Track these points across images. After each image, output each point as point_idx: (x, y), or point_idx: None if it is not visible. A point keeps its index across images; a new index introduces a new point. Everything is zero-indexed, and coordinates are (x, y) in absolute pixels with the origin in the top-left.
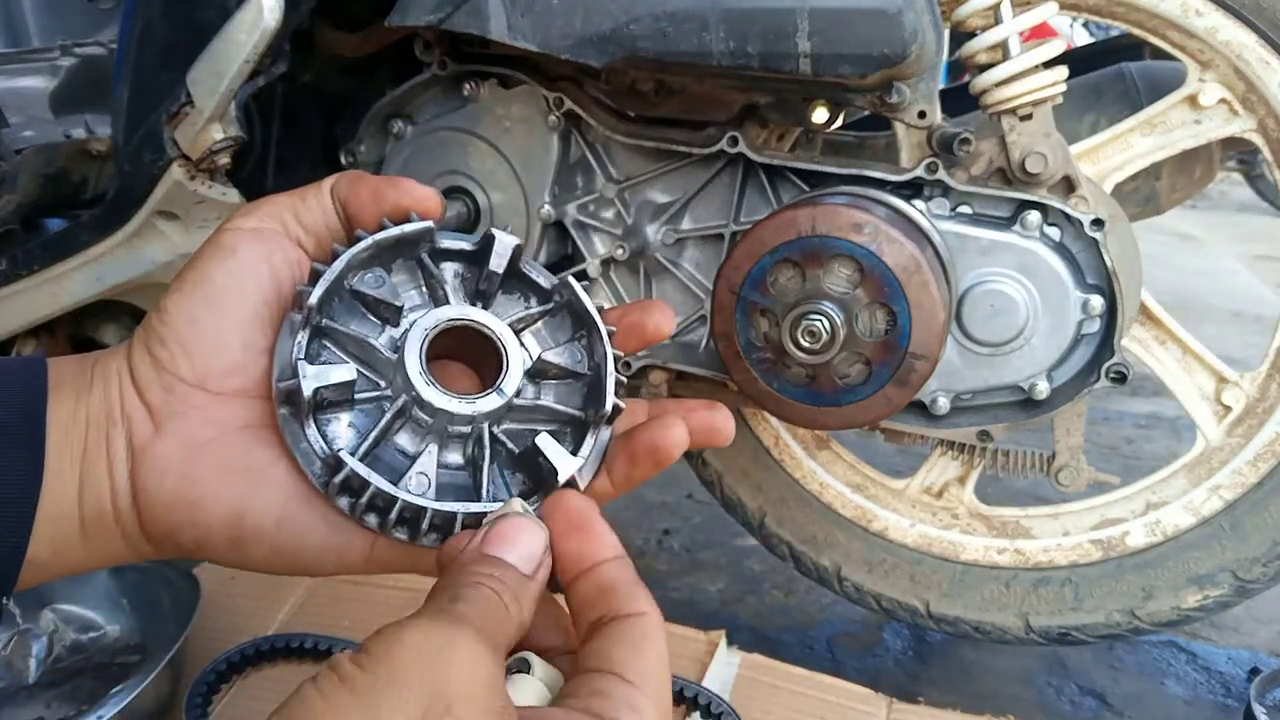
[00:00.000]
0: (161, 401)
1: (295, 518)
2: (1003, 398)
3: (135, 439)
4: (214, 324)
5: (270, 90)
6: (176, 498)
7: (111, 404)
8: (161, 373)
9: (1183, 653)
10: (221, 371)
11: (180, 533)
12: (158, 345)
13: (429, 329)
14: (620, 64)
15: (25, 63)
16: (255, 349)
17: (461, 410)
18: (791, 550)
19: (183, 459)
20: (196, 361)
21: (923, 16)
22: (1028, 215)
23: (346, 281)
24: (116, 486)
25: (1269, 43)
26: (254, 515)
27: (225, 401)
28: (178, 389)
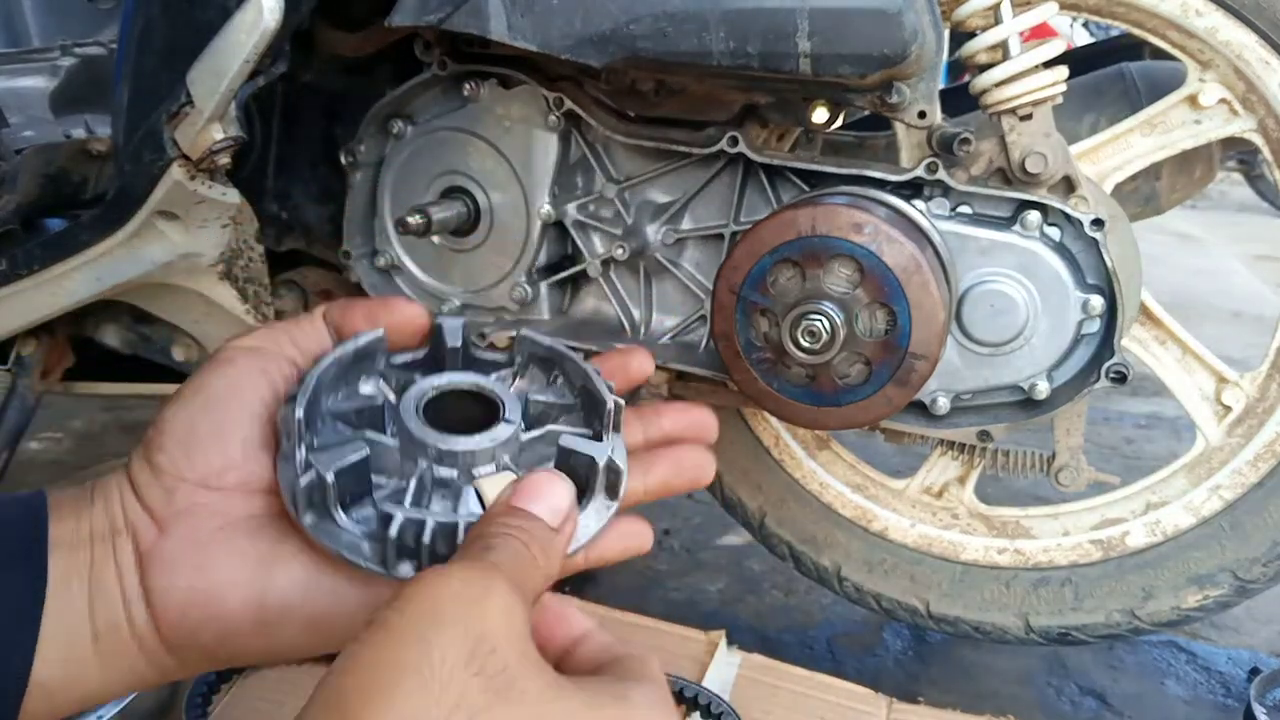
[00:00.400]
0: (163, 504)
1: (322, 584)
2: (1003, 398)
3: (141, 544)
4: (212, 427)
5: (270, 90)
6: (191, 592)
7: (114, 516)
8: (162, 477)
9: (1183, 653)
10: (221, 468)
11: (201, 631)
12: (156, 453)
13: (421, 395)
14: (620, 64)
15: (25, 63)
16: (253, 445)
17: (481, 445)
18: (791, 550)
19: (192, 553)
20: (196, 462)
21: (923, 16)
22: (1028, 215)
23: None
24: (128, 594)
25: (1269, 43)
26: (276, 592)
27: (227, 495)
28: (179, 490)
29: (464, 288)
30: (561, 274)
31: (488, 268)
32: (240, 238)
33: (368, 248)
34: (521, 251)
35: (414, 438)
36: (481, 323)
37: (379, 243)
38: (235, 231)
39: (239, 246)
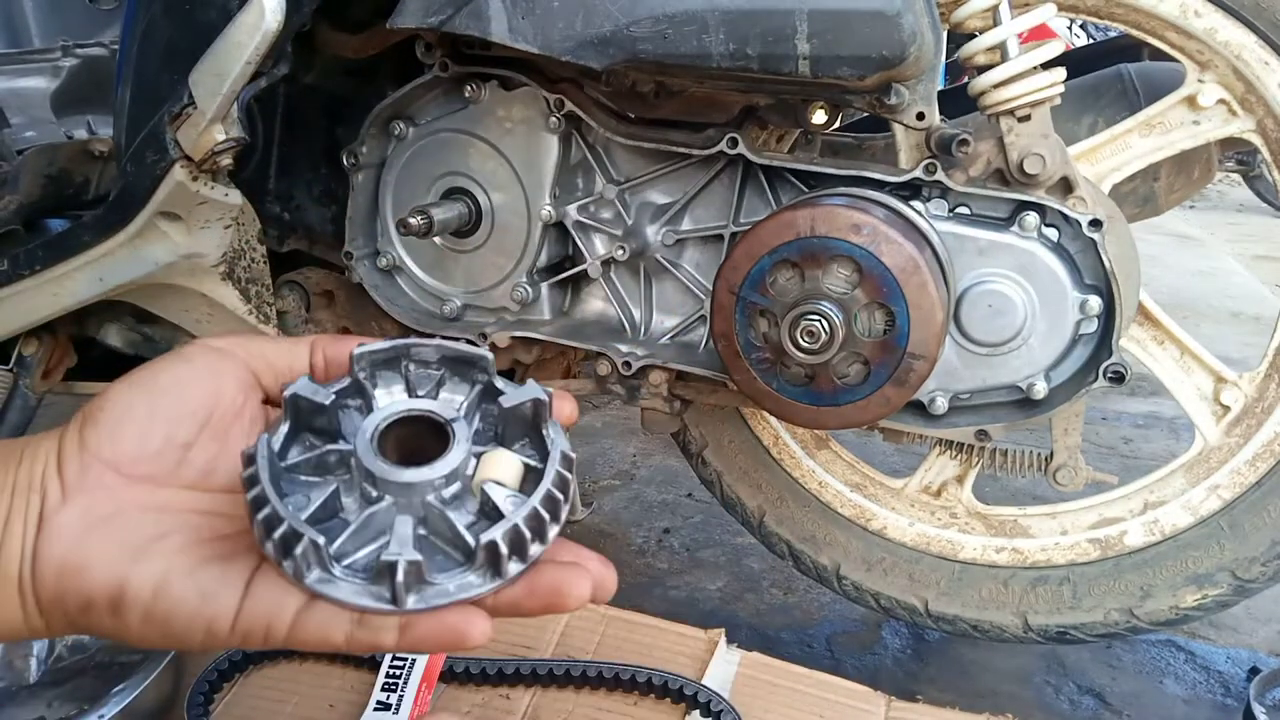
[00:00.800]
0: (75, 476)
1: (171, 589)
2: (1001, 397)
3: (45, 507)
4: (144, 416)
5: (272, 92)
6: (65, 563)
7: (35, 474)
8: (83, 451)
9: (1181, 652)
10: (134, 458)
11: (66, 599)
12: (89, 425)
13: (378, 423)
14: (620, 66)
15: (27, 63)
16: (176, 443)
17: (435, 474)
18: (791, 549)
19: (79, 530)
20: (118, 445)
21: (921, 18)
22: (1026, 216)
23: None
24: (24, 551)
25: (1268, 43)
26: (133, 583)
27: (132, 484)
28: (93, 467)
29: (465, 288)
30: (562, 275)
31: (489, 268)
32: (242, 238)
33: (370, 248)
34: (522, 252)
35: (363, 466)
36: (482, 323)
37: (381, 243)
38: (237, 232)
39: (241, 247)
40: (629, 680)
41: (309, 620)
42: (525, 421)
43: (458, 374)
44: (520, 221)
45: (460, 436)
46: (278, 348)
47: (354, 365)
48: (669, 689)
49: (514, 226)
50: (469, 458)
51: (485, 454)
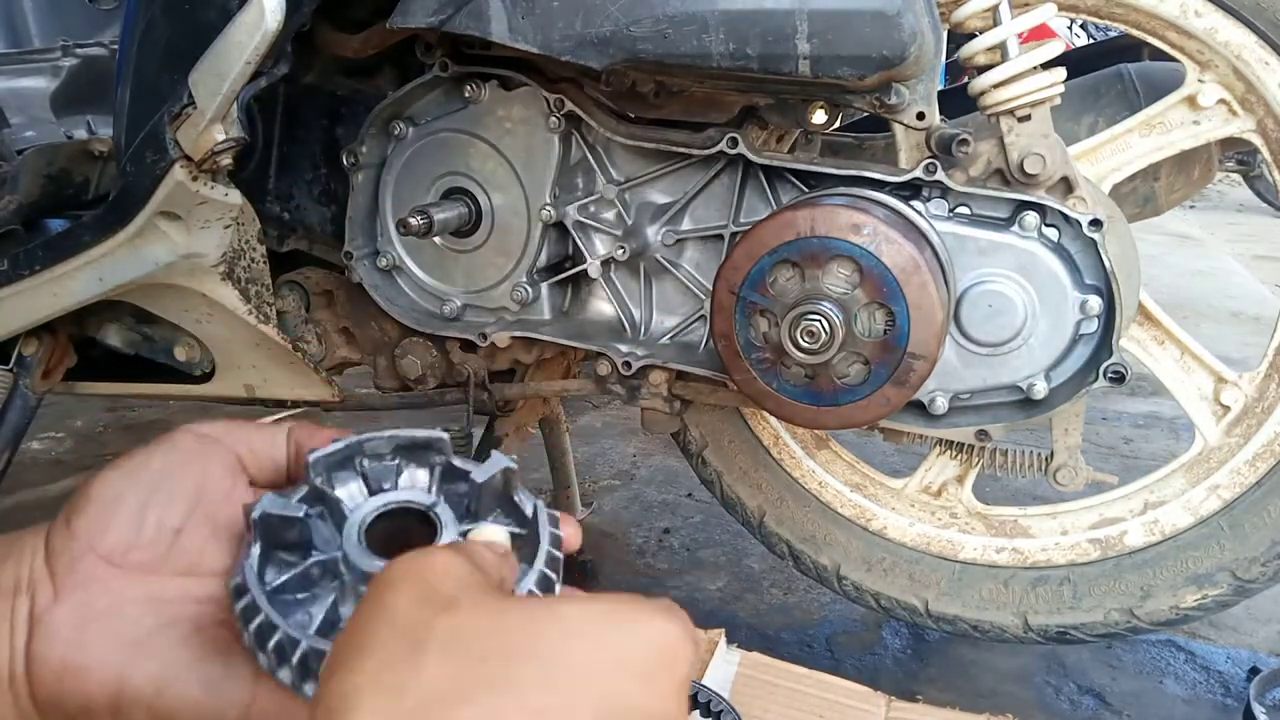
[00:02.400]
0: (65, 570)
1: (174, 684)
2: (1001, 397)
3: (36, 607)
4: (135, 502)
5: (272, 91)
6: (65, 665)
7: (21, 574)
8: (72, 543)
9: (1182, 652)
10: (127, 546)
11: (65, 700)
12: (77, 516)
13: (360, 522)
14: (620, 66)
15: (26, 63)
16: (168, 529)
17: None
18: (791, 549)
19: (75, 626)
20: (109, 534)
21: (921, 18)
22: (1026, 216)
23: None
24: (15, 652)
25: (1268, 43)
26: (134, 683)
27: (125, 575)
28: (84, 560)
29: (465, 288)
30: (562, 274)
31: (489, 268)
32: (242, 238)
33: (369, 248)
34: (522, 252)
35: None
36: (482, 323)
37: (381, 243)
38: (237, 232)
39: (241, 247)
40: None
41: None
42: (496, 492)
43: (414, 460)
44: (520, 221)
45: (447, 520)
46: (260, 434)
47: (309, 472)
48: None
49: (514, 226)
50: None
51: (471, 531)
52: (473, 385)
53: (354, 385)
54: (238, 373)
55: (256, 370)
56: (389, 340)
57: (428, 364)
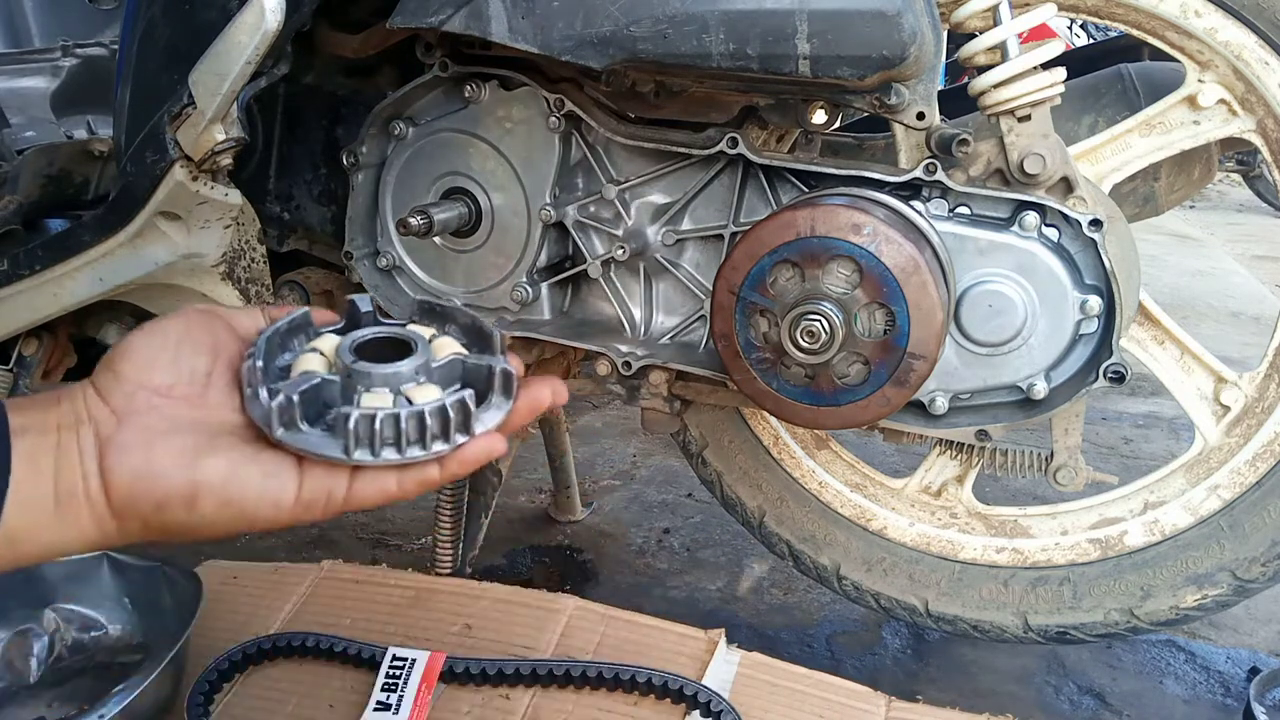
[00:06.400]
0: (124, 403)
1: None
2: (1001, 397)
3: (101, 433)
4: (169, 355)
5: (272, 92)
6: (139, 473)
7: (79, 411)
8: (124, 383)
9: (1182, 652)
10: (173, 384)
11: (141, 501)
12: (121, 361)
13: (353, 342)
14: (620, 66)
15: (27, 63)
16: (200, 373)
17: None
18: (791, 549)
19: (143, 444)
20: (155, 375)
21: (921, 18)
22: (1026, 216)
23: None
24: (86, 470)
25: (1268, 43)
26: (205, 474)
27: (175, 404)
28: (139, 394)
29: (465, 288)
30: (562, 274)
31: (489, 268)
32: (242, 238)
33: (369, 248)
34: (522, 252)
35: (353, 370)
36: None
37: (381, 243)
38: (237, 232)
39: (241, 247)
40: (629, 680)
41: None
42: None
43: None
44: (520, 221)
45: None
46: (245, 313)
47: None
48: (669, 689)
49: (514, 226)
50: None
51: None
52: None
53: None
54: None
55: None
56: None
57: None
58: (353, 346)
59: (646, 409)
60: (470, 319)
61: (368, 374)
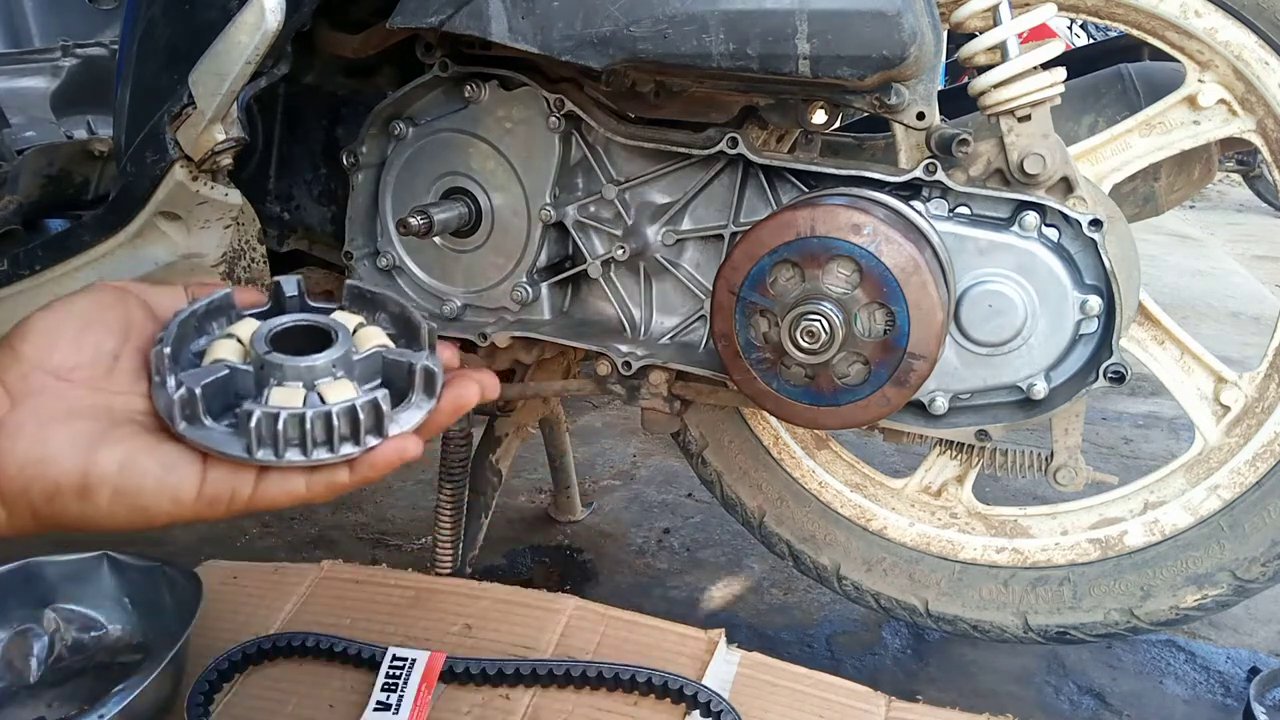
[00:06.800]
0: (19, 383)
1: (136, 464)
2: (1001, 397)
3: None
4: (73, 333)
5: (272, 91)
6: (29, 458)
7: None
8: (21, 362)
9: (1182, 652)
10: (74, 366)
11: (32, 489)
12: (21, 342)
13: (269, 331)
14: (620, 66)
15: (27, 63)
16: (105, 352)
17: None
18: (791, 549)
19: (35, 427)
20: (55, 356)
21: (921, 18)
22: (1026, 216)
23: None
24: None
25: (1268, 43)
26: (99, 464)
27: (74, 387)
28: (33, 375)
29: (465, 288)
30: (562, 274)
31: (489, 268)
32: (242, 238)
33: (369, 248)
34: (522, 252)
35: (265, 361)
36: (482, 323)
37: (380, 243)
38: (237, 232)
39: (241, 247)
40: (629, 680)
41: (269, 480)
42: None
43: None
44: (520, 221)
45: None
46: (164, 292)
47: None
48: (669, 689)
49: (514, 226)
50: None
51: (359, 331)
52: None
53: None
54: None
55: None
56: None
57: None
58: (269, 335)
59: (646, 409)
60: (400, 308)
61: (280, 366)
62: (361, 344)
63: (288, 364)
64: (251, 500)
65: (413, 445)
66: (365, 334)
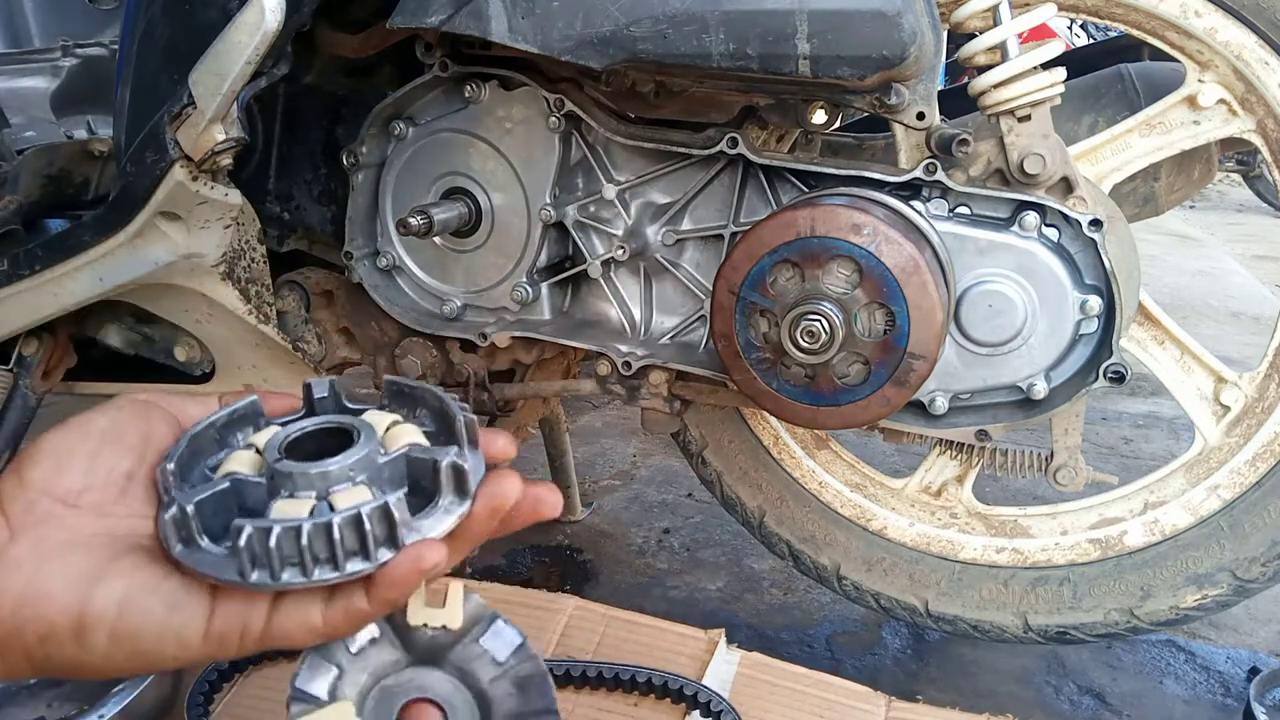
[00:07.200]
0: (22, 513)
1: (137, 604)
2: (1001, 397)
3: None
4: (87, 453)
5: (272, 91)
6: (24, 594)
7: None
8: (28, 490)
9: (1182, 652)
10: (82, 489)
11: (25, 630)
12: (30, 467)
13: (285, 437)
14: (621, 66)
15: (27, 63)
16: (119, 474)
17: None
18: (791, 549)
19: (34, 560)
20: (63, 479)
21: (921, 18)
22: (1026, 216)
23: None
24: None
25: (1268, 43)
26: (96, 603)
27: (80, 514)
28: (39, 503)
29: (465, 288)
30: (562, 274)
31: (489, 268)
32: (242, 238)
33: (369, 248)
34: (522, 252)
35: (275, 470)
36: (482, 323)
37: (381, 243)
38: (237, 232)
39: (241, 247)
40: (629, 680)
41: (283, 611)
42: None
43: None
44: (520, 221)
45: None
46: (195, 402)
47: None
48: (669, 689)
49: (514, 226)
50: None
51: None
52: (473, 385)
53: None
54: (237, 373)
55: (256, 370)
56: (389, 340)
57: (428, 364)
58: (284, 442)
59: (646, 409)
60: (438, 401)
61: (290, 475)
62: (391, 444)
63: (297, 471)
64: (265, 636)
65: (432, 553)
66: (397, 432)
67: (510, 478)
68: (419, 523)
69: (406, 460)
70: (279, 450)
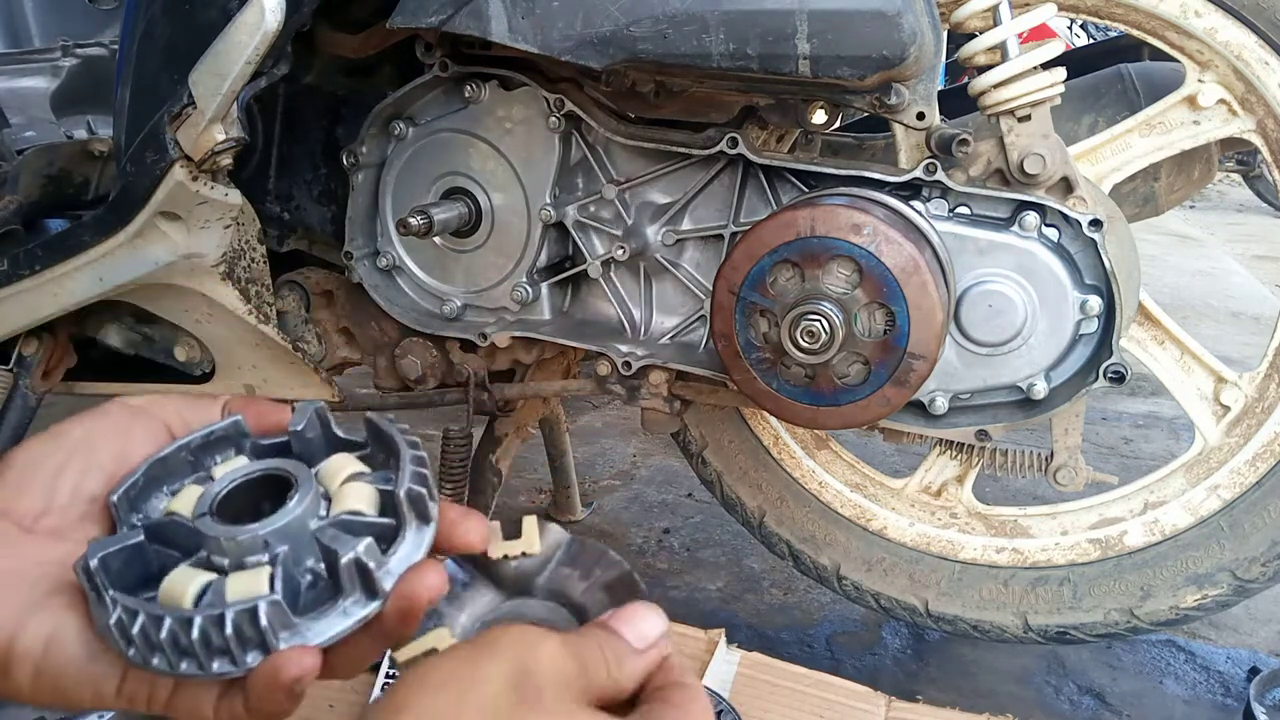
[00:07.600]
0: None
1: (62, 645)
2: (1001, 397)
3: None
4: (53, 469)
5: (272, 92)
6: None
7: None
8: None
9: (1182, 652)
10: (41, 512)
11: None
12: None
13: (225, 485)
14: (621, 66)
15: (27, 63)
16: (83, 496)
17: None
18: (791, 549)
19: None
20: (23, 501)
21: (921, 18)
22: (1026, 216)
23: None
24: None
25: (1268, 43)
26: (24, 640)
27: (35, 539)
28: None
29: (465, 288)
30: (562, 274)
31: (489, 268)
32: (242, 238)
33: (369, 248)
34: (522, 252)
35: (195, 527)
36: (482, 323)
37: (381, 243)
38: (237, 232)
39: (241, 247)
40: None
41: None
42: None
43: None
44: (520, 221)
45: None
46: (195, 407)
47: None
48: None
49: (514, 226)
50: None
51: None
52: (473, 385)
53: (354, 385)
54: (238, 373)
55: (256, 370)
56: (389, 340)
57: (428, 364)
58: (222, 493)
59: (646, 409)
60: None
61: (205, 537)
62: (338, 504)
63: (210, 535)
64: (168, 708)
65: (298, 663)
66: (345, 492)
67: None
68: (308, 623)
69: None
70: (210, 505)
